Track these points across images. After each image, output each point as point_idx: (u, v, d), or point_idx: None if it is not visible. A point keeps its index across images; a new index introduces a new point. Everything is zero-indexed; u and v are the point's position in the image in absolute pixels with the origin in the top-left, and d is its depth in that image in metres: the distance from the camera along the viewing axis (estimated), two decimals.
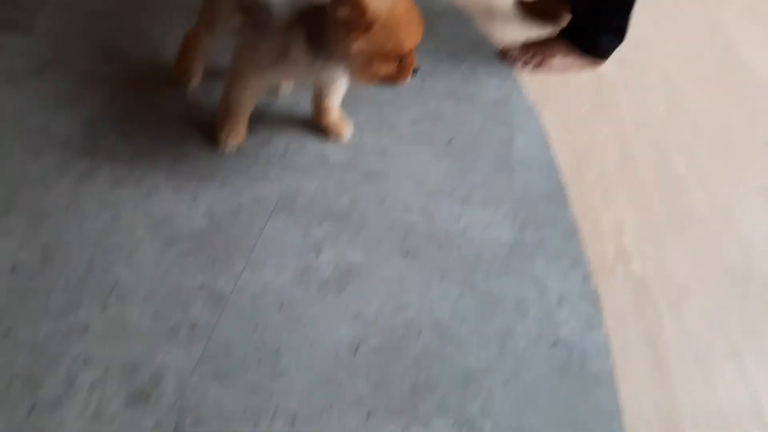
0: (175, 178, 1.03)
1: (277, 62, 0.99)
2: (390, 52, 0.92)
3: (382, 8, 0.88)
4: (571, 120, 1.38)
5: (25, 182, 0.96)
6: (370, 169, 1.12)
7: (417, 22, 0.93)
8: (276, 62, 0.99)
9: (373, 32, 0.88)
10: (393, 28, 0.90)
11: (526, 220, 1.07)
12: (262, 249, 0.93)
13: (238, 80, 1.05)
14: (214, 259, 0.90)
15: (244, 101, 1.08)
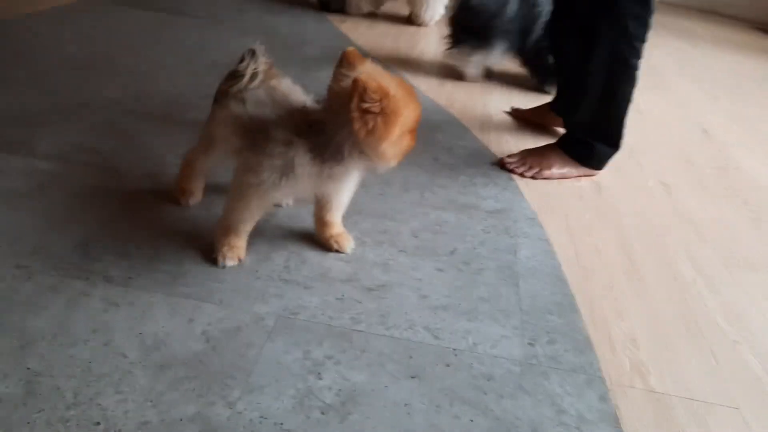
0: (171, 298, 0.99)
1: (281, 181, 0.98)
2: (413, 124, 0.98)
3: (393, 87, 0.93)
4: (574, 228, 1.37)
5: (15, 305, 0.93)
6: (372, 284, 1.09)
7: (409, 87, 0.98)
8: (280, 181, 0.98)
9: (399, 112, 0.93)
10: (407, 101, 0.95)
11: (536, 333, 1.03)
12: (261, 372, 0.88)
13: (239, 201, 1.05)
14: (209, 386, 0.84)
15: (245, 220, 1.07)
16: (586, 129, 1.56)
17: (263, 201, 1.04)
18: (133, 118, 1.57)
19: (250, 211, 1.06)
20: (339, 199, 1.12)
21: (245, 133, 1.03)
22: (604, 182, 1.61)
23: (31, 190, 1.21)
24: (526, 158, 1.60)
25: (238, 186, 1.04)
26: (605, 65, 1.45)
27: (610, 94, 1.49)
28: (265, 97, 1.03)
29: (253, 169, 1.00)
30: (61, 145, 1.39)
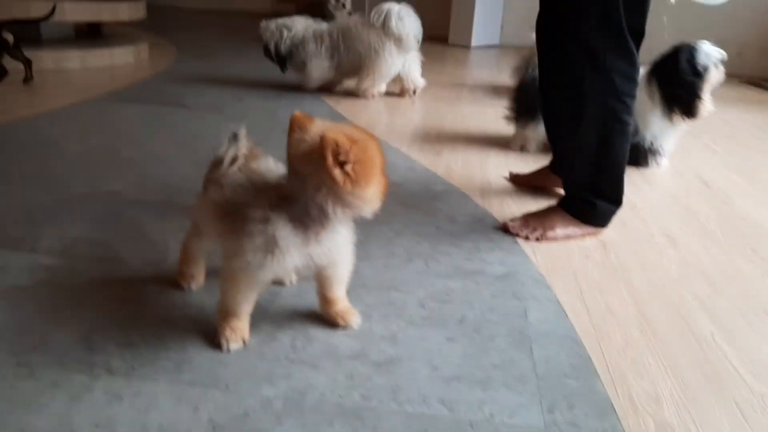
0: (176, 386, 0.96)
1: (266, 259, 0.97)
2: (383, 161, 0.98)
3: (354, 134, 0.94)
4: (584, 288, 1.35)
5: (16, 404, 0.90)
6: (381, 358, 1.06)
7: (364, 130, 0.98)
8: (266, 260, 0.97)
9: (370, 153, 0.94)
10: (371, 142, 0.95)
11: (554, 399, 0.99)
12: None
13: (230, 286, 1.04)
14: None
15: (240, 302, 1.05)
16: (586, 187, 1.57)
17: (253, 283, 1.03)
18: (135, 208, 1.58)
19: (243, 293, 1.04)
20: (338, 272, 1.10)
21: (225, 218, 1.03)
22: (609, 239, 1.60)
23: (33, 286, 1.21)
24: (529, 221, 1.60)
25: (226, 271, 1.04)
26: (597, 122, 1.47)
27: (605, 151, 1.50)
28: (244, 180, 1.04)
29: (236, 253, 1.00)
30: (64, 240, 1.39)
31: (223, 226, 1.04)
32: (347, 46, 2.81)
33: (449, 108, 2.90)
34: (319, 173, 0.92)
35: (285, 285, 1.26)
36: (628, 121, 1.48)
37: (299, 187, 0.96)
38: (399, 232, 1.55)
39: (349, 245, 1.08)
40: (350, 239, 1.08)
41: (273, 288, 1.24)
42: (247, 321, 1.08)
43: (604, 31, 1.41)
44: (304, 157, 0.94)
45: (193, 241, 1.20)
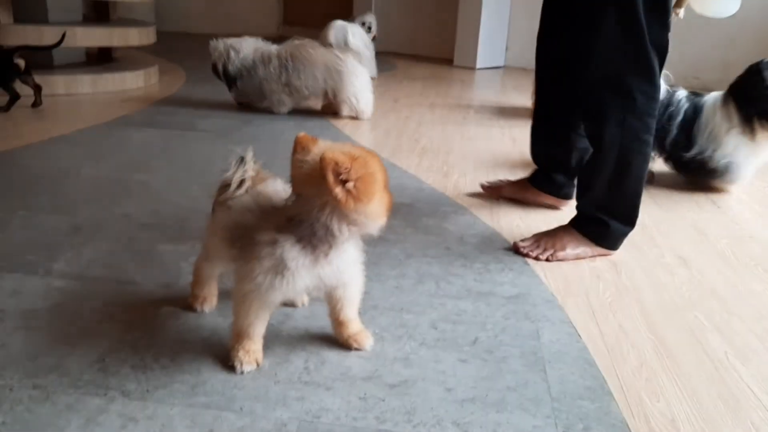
0: (190, 409, 0.96)
1: (276, 281, 0.98)
2: (385, 177, 0.98)
3: (354, 151, 0.94)
4: (596, 309, 1.35)
5: (32, 428, 0.90)
6: (394, 380, 1.06)
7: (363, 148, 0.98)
8: (275, 281, 0.98)
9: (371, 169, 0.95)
10: (371, 158, 0.96)
11: (570, 421, 0.99)
12: None
13: (241, 309, 1.04)
14: None
15: (253, 324, 1.05)
16: (601, 207, 1.56)
17: (264, 304, 1.03)
18: (147, 231, 1.60)
19: (255, 315, 1.04)
20: (349, 293, 1.10)
21: (234, 241, 1.04)
22: (620, 260, 1.60)
23: (48, 308, 1.21)
24: (540, 241, 1.60)
25: (237, 294, 1.05)
26: (617, 142, 1.46)
27: (623, 171, 1.49)
28: (251, 203, 1.05)
29: (246, 276, 1.00)
30: (78, 263, 1.40)
31: (233, 249, 1.05)
32: (297, 68, 2.81)
33: (456, 129, 2.92)
34: (322, 193, 0.93)
35: (297, 306, 1.26)
36: (649, 142, 1.48)
37: (304, 207, 0.97)
38: (409, 253, 1.56)
39: (358, 265, 1.09)
40: (359, 259, 1.09)
41: (285, 310, 1.25)
42: (261, 343, 1.08)
43: (624, 48, 1.40)
44: (307, 177, 0.95)
45: (204, 263, 1.20)
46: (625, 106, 1.44)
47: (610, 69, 1.43)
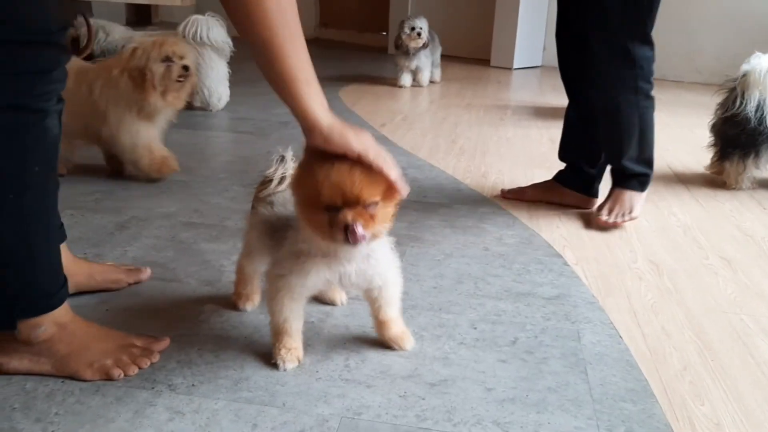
0: (234, 404, 0.98)
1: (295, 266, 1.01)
2: (308, 200, 0.94)
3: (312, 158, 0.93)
4: (638, 310, 1.33)
5: (84, 419, 0.93)
6: (434, 379, 1.07)
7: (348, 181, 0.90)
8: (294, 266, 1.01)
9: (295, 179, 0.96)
10: (314, 178, 0.91)
11: (612, 423, 0.98)
12: None
13: (274, 299, 1.05)
14: None
15: (288, 319, 1.07)
16: (638, 161, 1.76)
17: (292, 293, 1.04)
18: (190, 230, 1.63)
19: (286, 307, 1.05)
20: (384, 294, 1.09)
21: (273, 234, 1.08)
22: (662, 262, 1.57)
23: (95, 306, 1.25)
24: (612, 208, 1.76)
25: (269, 290, 1.07)
26: (636, 107, 1.68)
27: (645, 127, 1.72)
28: (290, 198, 1.07)
29: (278, 262, 1.04)
30: (124, 260, 1.44)
31: (271, 240, 1.09)
32: None
33: (493, 129, 2.91)
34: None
35: (336, 305, 1.28)
36: (653, 96, 1.70)
37: None
38: (448, 253, 1.56)
39: (392, 268, 1.09)
40: (393, 261, 1.09)
41: (325, 308, 1.26)
42: (300, 339, 1.10)
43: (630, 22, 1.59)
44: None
45: (245, 260, 1.23)
46: (638, 75, 1.64)
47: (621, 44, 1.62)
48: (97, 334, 1.07)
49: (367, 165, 0.91)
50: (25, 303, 0.99)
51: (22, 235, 0.95)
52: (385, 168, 0.93)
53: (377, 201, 0.93)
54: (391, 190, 0.95)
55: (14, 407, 0.95)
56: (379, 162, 0.92)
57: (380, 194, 0.93)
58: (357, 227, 0.90)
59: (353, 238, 0.90)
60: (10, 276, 0.96)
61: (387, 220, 0.96)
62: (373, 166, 0.92)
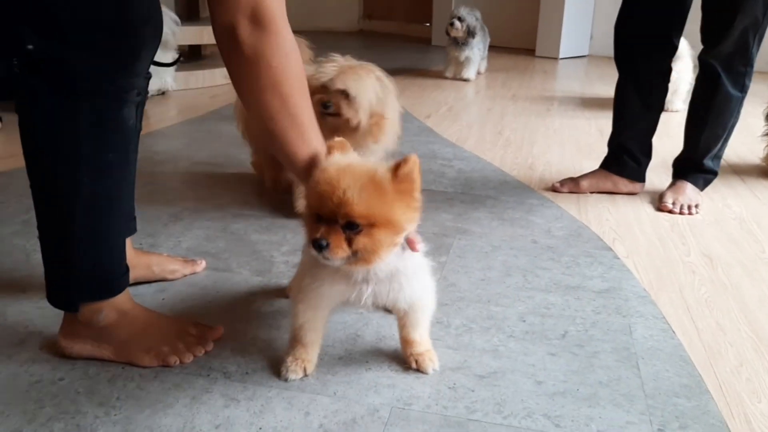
0: (287, 392, 1.01)
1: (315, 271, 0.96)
2: (307, 208, 0.91)
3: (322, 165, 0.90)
4: (691, 305, 1.30)
5: (144, 403, 0.97)
6: (483, 371, 1.07)
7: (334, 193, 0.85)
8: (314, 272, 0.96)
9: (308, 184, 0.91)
10: (315, 186, 0.88)
11: (665, 419, 0.97)
12: None
13: (294, 308, 1.02)
14: None
15: (303, 328, 1.02)
16: (713, 158, 1.85)
17: (310, 300, 0.99)
18: (240, 221, 1.66)
19: (303, 312, 1.00)
20: (413, 318, 1.04)
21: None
22: (716, 255, 1.54)
23: (152, 294, 1.29)
24: (676, 199, 1.81)
25: (294, 284, 1.05)
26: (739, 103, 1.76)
27: (731, 129, 1.81)
28: None
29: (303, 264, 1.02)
30: (177, 250, 1.48)
31: None
32: None
33: (540, 120, 2.87)
34: None
35: None
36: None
37: None
38: (495, 246, 1.55)
39: (421, 291, 1.01)
40: (424, 285, 1.02)
41: None
42: (315, 352, 1.05)
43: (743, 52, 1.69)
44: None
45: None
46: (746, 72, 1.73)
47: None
48: (155, 321, 1.10)
49: (368, 181, 0.85)
50: (90, 287, 1.03)
51: (94, 220, 0.99)
52: None
53: (358, 224, 0.85)
54: (389, 222, 0.87)
55: (78, 391, 1.00)
56: None
57: (365, 218, 0.85)
58: (320, 243, 0.85)
59: (318, 251, 0.86)
60: (78, 259, 1.00)
61: (377, 248, 0.87)
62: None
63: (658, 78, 1.85)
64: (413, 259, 0.97)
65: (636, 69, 1.84)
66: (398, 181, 0.87)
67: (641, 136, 1.91)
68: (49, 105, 0.92)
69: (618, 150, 1.93)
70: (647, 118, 1.89)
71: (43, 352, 1.09)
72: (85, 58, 0.90)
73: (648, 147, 1.92)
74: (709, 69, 1.74)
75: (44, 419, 0.93)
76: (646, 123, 1.89)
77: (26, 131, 0.95)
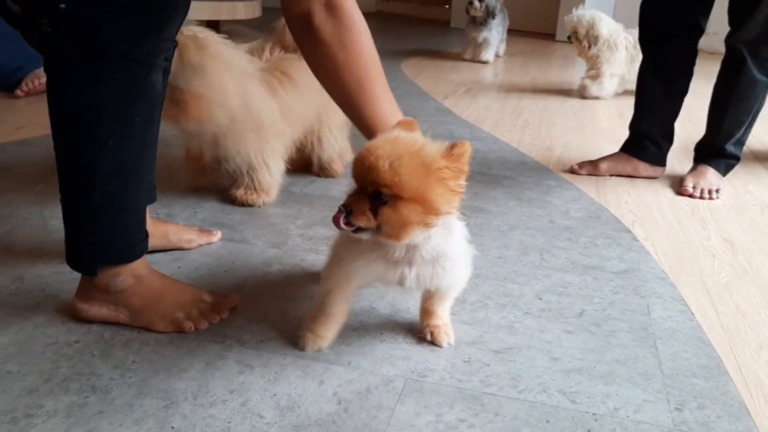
0: (301, 360, 1.00)
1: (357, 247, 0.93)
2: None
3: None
4: (711, 288, 1.29)
5: (159, 368, 0.97)
6: (499, 347, 1.06)
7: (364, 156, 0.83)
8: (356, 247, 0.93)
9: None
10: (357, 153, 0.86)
11: (683, 398, 0.95)
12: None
13: (326, 268, 1.00)
14: None
15: (330, 304, 1.00)
16: (736, 144, 1.83)
17: (344, 268, 0.96)
18: None
19: (335, 278, 0.98)
20: (443, 293, 1.02)
21: None
22: (737, 240, 1.51)
23: (167, 263, 1.29)
24: (697, 184, 1.79)
25: (331, 250, 1.02)
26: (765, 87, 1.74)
27: (759, 110, 1.79)
28: None
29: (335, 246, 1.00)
30: (193, 221, 1.48)
31: None
32: None
33: (559, 103, 2.84)
34: None
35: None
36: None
37: None
38: (512, 225, 1.54)
39: (460, 277, 0.99)
40: (465, 271, 0.99)
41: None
42: (334, 330, 1.03)
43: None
44: None
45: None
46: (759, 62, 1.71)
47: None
48: (171, 288, 1.10)
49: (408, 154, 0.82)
50: (109, 251, 1.03)
51: (117, 185, 0.99)
52: None
53: (384, 194, 0.82)
54: (420, 198, 0.83)
55: (94, 354, 1.00)
56: None
57: (392, 188, 0.81)
58: (346, 208, 0.83)
59: (345, 217, 0.83)
60: (99, 223, 1.00)
61: (401, 223, 0.83)
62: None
63: (683, 62, 1.81)
64: (460, 243, 0.94)
65: (661, 51, 1.81)
66: (448, 161, 0.83)
67: (663, 120, 1.87)
68: (77, 67, 0.91)
69: (639, 134, 1.90)
70: (670, 104, 1.86)
71: (60, 316, 1.09)
72: (116, 22, 0.90)
73: (670, 132, 1.89)
74: (734, 52, 1.71)
75: (60, 379, 0.94)
76: (669, 108, 1.86)
77: (53, 92, 0.95)
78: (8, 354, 0.99)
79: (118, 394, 0.91)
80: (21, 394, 0.90)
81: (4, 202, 1.53)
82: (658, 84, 1.83)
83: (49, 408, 0.88)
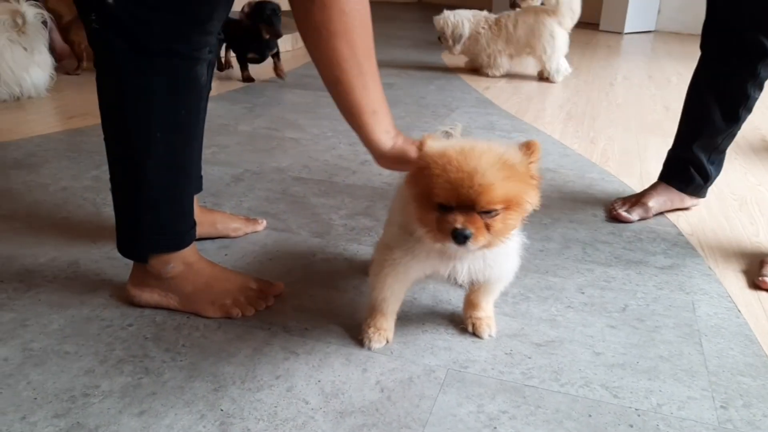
0: (345, 348, 1.03)
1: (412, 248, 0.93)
2: (421, 196, 0.85)
3: (433, 151, 0.85)
4: None
5: (208, 352, 1.00)
6: (540, 340, 1.06)
7: (466, 177, 0.80)
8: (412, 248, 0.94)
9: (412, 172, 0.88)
10: (431, 171, 0.83)
11: (728, 396, 0.94)
12: (436, 423, 0.87)
13: (377, 280, 1.00)
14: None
15: (387, 299, 1.01)
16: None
17: (398, 273, 0.97)
18: (300, 184, 1.69)
19: (389, 286, 0.99)
20: (489, 286, 1.03)
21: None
22: None
23: (216, 251, 1.32)
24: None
25: (377, 254, 1.02)
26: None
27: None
28: None
29: (391, 234, 0.99)
30: (239, 210, 1.51)
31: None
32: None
33: (602, 95, 2.80)
34: None
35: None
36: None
37: None
38: (555, 218, 1.53)
39: (507, 269, 1.00)
40: (512, 264, 1.00)
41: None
42: (393, 320, 1.05)
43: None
44: None
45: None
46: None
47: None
48: (220, 275, 1.14)
49: (501, 164, 0.81)
50: (160, 239, 1.06)
51: (165, 176, 1.02)
52: None
53: (497, 209, 0.82)
54: (521, 203, 0.84)
55: (146, 337, 1.04)
56: None
57: (504, 202, 0.82)
58: (465, 234, 0.81)
59: (459, 243, 0.82)
60: (149, 212, 1.04)
61: (508, 231, 0.85)
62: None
63: (749, 78, 1.41)
64: (512, 237, 0.93)
65: (725, 57, 1.42)
66: (529, 162, 0.85)
67: (715, 145, 1.52)
68: (124, 61, 0.94)
69: (682, 161, 1.56)
70: (726, 130, 1.49)
71: (114, 300, 1.13)
72: (161, 17, 0.92)
73: (721, 159, 1.56)
74: None
75: (115, 361, 0.98)
76: (724, 134, 1.50)
77: (102, 86, 0.98)
78: (65, 335, 1.03)
79: (170, 376, 0.95)
80: (78, 374, 0.95)
81: (60, 188, 1.59)
82: (712, 105, 1.48)
83: (105, 388, 0.92)
